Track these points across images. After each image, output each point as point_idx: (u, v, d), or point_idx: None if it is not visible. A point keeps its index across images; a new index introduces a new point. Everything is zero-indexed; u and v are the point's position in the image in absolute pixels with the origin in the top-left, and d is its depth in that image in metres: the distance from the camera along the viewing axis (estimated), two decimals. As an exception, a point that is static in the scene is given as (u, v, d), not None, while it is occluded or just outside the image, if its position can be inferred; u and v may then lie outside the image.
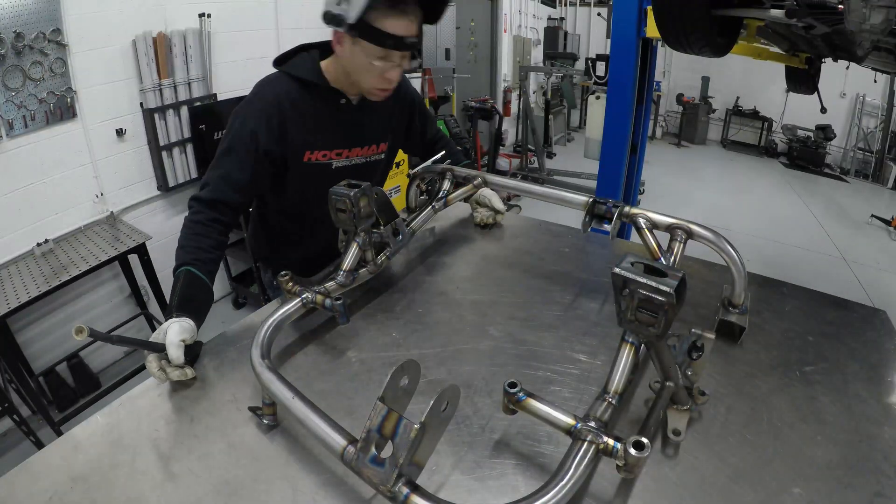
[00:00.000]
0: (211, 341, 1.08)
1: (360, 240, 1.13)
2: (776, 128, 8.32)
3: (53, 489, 0.74)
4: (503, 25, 6.70)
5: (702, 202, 5.95)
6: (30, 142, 2.52)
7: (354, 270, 1.14)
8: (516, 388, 0.73)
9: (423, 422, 0.60)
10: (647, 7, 2.49)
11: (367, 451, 0.64)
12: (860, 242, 5.15)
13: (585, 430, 0.67)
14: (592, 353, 1.01)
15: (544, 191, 1.33)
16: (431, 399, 0.61)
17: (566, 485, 0.62)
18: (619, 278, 0.67)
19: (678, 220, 1.08)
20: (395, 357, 1.01)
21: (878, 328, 1.10)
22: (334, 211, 1.12)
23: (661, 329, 0.67)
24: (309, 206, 1.41)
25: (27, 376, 2.54)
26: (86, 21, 2.62)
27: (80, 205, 2.82)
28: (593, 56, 5.82)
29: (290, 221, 1.50)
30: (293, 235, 1.53)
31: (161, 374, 0.91)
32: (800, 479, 0.74)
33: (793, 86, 3.40)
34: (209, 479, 0.75)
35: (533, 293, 1.22)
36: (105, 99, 2.79)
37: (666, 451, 0.79)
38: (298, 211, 1.46)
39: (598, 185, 3.26)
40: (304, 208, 1.44)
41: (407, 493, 0.61)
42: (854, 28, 1.37)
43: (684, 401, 0.82)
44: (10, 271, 2.47)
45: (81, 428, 0.86)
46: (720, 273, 1.25)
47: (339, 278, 1.11)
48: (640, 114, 3.09)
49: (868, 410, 0.87)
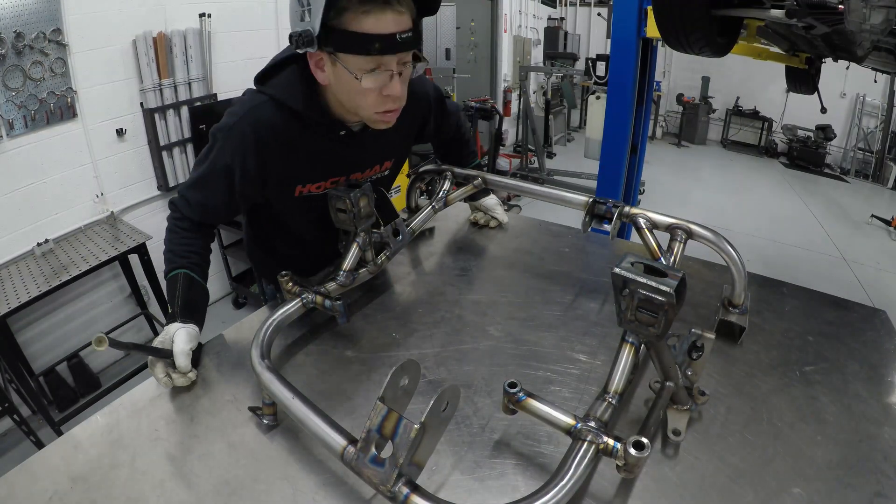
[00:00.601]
0: (211, 341, 1.08)
1: (360, 240, 1.13)
2: (776, 128, 8.31)
3: (53, 489, 0.74)
4: (503, 25, 6.70)
5: (702, 202, 5.95)
6: (30, 142, 2.52)
7: (354, 271, 1.14)
8: (516, 388, 0.73)
9: (422, 422, 0.60)
10: (647, 7, 2.48)
11: (367, 451, 0.64)
12: (860, 242, 5.14)
13: (585, 430, 0.67)
14: (592, 353, 1.01)
15: (544, 191, 1.33)
16: (431, 399, 0.61)
17: (566, 485, 0.62)
18: (619, 278, 0.67)
19: (678, 220, 1.08)
20: (395, 357, 1.01)
21: (878, 328, 1.10)
22: (334, 211, 1.12)
23: (661, 329, 0.67)
24: (303, 230, 1.28)
25: (27, 376, 2.54)
26: (86, 21, 2.62)
27: (80, 205, 2.82)
28: (593, 56, 5.82)
29: (284, 241, 1.34)
30: (287, 253, 1.36)
31: (167, 380, 0.91)
32: (800, 479, 0.74)
33: (793, 86, 3.40)
34: (209, 479, 0.75)
35: (533, 293, 1.22)
36: (105, 99, 2.79)
37: (666, 451, 0.79)
38: (292, 232, 1.30)
39: (598, 185, 3.26)
40: (298, 230, 1.29)
41: (407, 494, 0.61)
42: (854, 28, 1.37)
43: (684, 401, 0.82)
44: (10, 271, 2.47)
45: (81, 428, 0.86)
46: (720, 273, 1.25)
47: (339, 278, 1.11)
48: (640, 114, 3.09)
49: (868, 410, 0.87)
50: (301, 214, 1.22)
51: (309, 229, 1.27)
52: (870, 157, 7.41)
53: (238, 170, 1.05)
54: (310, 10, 0.89)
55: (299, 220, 1.25)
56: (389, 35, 0.90)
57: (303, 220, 1.24)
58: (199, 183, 1.09)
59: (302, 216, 1.23)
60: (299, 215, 1.23)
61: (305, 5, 0.89)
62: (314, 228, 1.25)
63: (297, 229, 1.28)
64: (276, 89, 1.04)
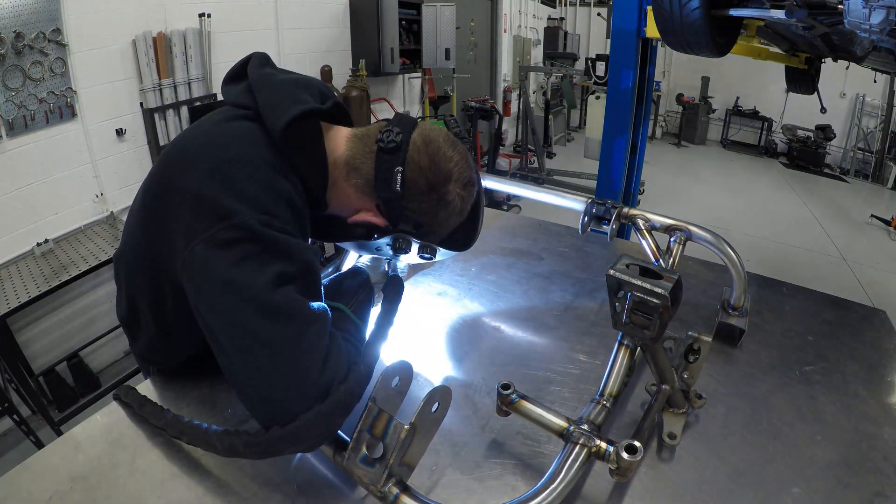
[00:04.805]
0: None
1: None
2: (776, 128, 8.32)
3: (53, 489, 0.74)
4: (503, 25, 6.70)
5: (701, 202, 5.95)
6: (30, 142, 2.51)
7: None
8: (509, 389, 0.73)
9: (412, 423, 0.60)
10: (647, 7, 2.48)
11: (358, 451, 0.64)
12: (860, 242, 5.14)
13: (578, 433, 0.67)
14: (592, 353, 1.01)
15: (542, 195, 1.33)
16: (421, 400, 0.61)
17: (556, 488, 0.62)
18: (614, 280, 0.67)
19: (677, 221, 1.08)
20: (394, 357, 1.01)
21: (878, 328, 1.10)
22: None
23: (655, 331, 0.67)
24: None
25: (27, 376, 2.54)
26: (86, 21, 2.61)
27: (80, 205, 2.82)
28: (593, 56, 5.83)
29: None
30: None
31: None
32: (800, 478, 0.74)
33: (793, 86, 3.40)
34: (209, 478, 0.75)
35: (533, 293, 1.22)
36: (105, 99, 2.79)
37: (661, 455, 0.79)
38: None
39: (598, 185, 3.26)
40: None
41: (397, 494, 0.61)
42: (854, 28, 1.37)
43: (681, 404, 0.81)
44: (10, 271, 2.47)
45: (81, 428, 0.86)
46: (720, 273, 1.25)
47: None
48: (639, 114, 3.08)
49: (868, 410, 0.87)
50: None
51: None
52: (869, 157, 7.42)
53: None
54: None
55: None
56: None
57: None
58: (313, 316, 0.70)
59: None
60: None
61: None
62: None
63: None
64: (296, 153, 0.78)
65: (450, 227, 0.87)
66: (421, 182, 0.79)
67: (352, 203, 0.85)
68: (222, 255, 0.66)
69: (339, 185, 0.84)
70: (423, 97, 5.30)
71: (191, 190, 0.71)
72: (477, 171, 0.90)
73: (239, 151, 0.74)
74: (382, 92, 4.70)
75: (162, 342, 0.88)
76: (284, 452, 0.68)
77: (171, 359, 0.93)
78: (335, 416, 0.65)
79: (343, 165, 0.83)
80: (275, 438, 0.63)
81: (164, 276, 0.76)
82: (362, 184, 0.82)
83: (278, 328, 0.64)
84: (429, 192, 0.80)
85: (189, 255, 0.68)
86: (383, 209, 0.83)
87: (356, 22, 4.24)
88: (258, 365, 0.65)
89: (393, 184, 0.79)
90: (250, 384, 0.66)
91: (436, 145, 0.80)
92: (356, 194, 0.84)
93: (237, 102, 0.83)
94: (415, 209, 0.81)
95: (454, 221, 0.86)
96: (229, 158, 0.73)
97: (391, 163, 0.79)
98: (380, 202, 0.82)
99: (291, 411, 0.63)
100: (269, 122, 0.77)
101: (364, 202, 0.84)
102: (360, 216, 0.86)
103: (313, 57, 3.97)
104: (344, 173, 0.83)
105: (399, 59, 4.28)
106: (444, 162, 0.80)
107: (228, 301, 0.65)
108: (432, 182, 0.80)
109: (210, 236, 0.67)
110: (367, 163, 0.81)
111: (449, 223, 0.86)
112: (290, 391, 0.64)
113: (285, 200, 0.73)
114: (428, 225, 0.84)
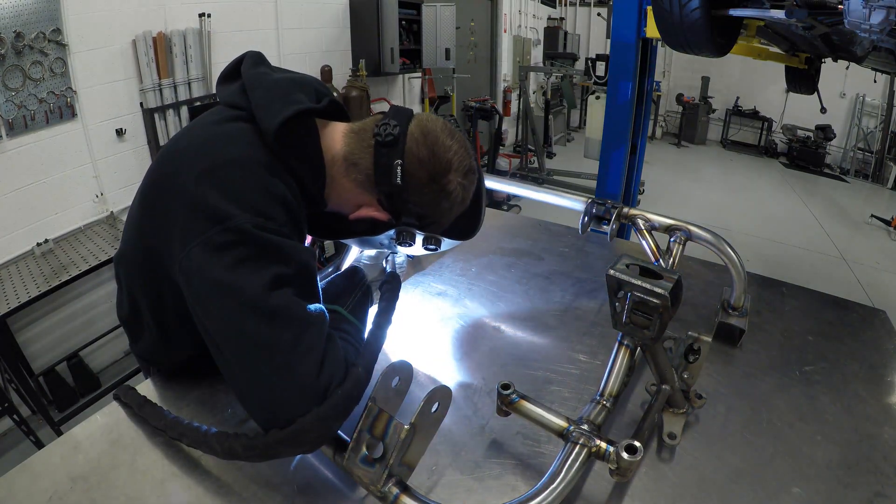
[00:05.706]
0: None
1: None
2: (776, 128, 8.32)
3: (53, 489, 0.74)
4: (503, 25, 6.70)
5: (701, 202, 5.95)
6: (30, 142, 2.51)
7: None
8: (509, 389, 0.73)
9: (412, 423, 0.60)
10: (647, 7, 2.48)
11: (358, 451, 0.64)
12: (860, 242, 5.14)
13: (578, 433, 0.67)
14: (592, 352, 1.01)
15: (542, 195, 1.33)
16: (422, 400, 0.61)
17: (556, 488, 0.62)
18: (614, 280, 0.67)
19: (677, 221, 1.08)
20: (394, 357, 1.01)
21: (878, 328, 1.10)
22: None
23: (655, 331, 0.67)
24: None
25: (27, 376, 2.53)
26: (86, 21, 2.61)
27: (80, 205, 2.82)
28: (593, 56, 5.82)
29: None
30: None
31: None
32: (800, 478, 0.74)
33: (793, 86, 3.40)
34: (209, 479, 0.75)
35: (533, 293, 1.22)
36: (105, 99, 2.79)
37: (661, 455, 0.79)
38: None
39: (598, 185, 3.26)
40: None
41: (397, 494, 0.61)
42: (854, 28, 1.37)
43: (681, 404, 0.81)
44: (10, 271, 2.47)
45: (81, 428, 0.86)
46: (721, 273, 1.25)
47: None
48: (639, 114, 3.08)
49: (868, 410, 0.87)
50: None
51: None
52: (869, 157, 7.42)
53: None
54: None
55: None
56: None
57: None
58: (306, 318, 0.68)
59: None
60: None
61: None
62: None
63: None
64: (290, 151, 0.77)
65: (452, 217, 0.87)
66: (421, 174, 0.79)
67: (352, 199, 0.85)
68: (218, 259, 0.66)
69: (338, 181, 0.83)
70: (423, 97, 5.30)
71: (186, 193, 0.71)
72: (476, 158, 0.89)
73: (233, 153, 0.74)
74: (382, 92, 4.70)
75: (162, 342, 0.88)
76: (283, 455, 0.67)
77: (172, 359, 0.93)
78: (333, 419, 0.65)
79: (341, 161, 0.82)
80: (273, 442, 0.63)
81: (162, 276, 0.76)
82: (362, 179, 0.82)
83: (275, 331, 0.64)
84: (430, 183, 0.80)
85: (185, 259, 0.68)
86: (385, 203, 0.83)
87: (356, 22, 4.25)
88: (256, 368, 0.65)
89: (393, 177, 0.78)
90: (248, 387, 0.66)
91: (434, 136, 0.80)
92: (356, 190, 0.83)
93: (231, 102, 0.83)
94: (416, 201, 0.81)
95: (456, 211, 0.86)
96: (224, 161, 0.73)
97: (390, 156, 0.78)
98: (381, 196, 0.82)
99: (289, 414, 0.63)
100: (263, 123, 0.76)
101: (365, 197, 0.84)
102: (362, 212, 0.85)
103: (313, 57, 3.98)
104: (343, 169, 0.82)
105: (399, 59, 4.28)
106: (444, 152, 0.80)
107: (225, 305, 0.65)
108: (432, 173, 0.79)
109: (206, 240, 0.67)
110: (366, 157, 0.80)
111: (451, 213, 0.86)
112: (287, 394, 0.64)
113: (280, 202, 0.72)
114: (431, 216, 0.84)
